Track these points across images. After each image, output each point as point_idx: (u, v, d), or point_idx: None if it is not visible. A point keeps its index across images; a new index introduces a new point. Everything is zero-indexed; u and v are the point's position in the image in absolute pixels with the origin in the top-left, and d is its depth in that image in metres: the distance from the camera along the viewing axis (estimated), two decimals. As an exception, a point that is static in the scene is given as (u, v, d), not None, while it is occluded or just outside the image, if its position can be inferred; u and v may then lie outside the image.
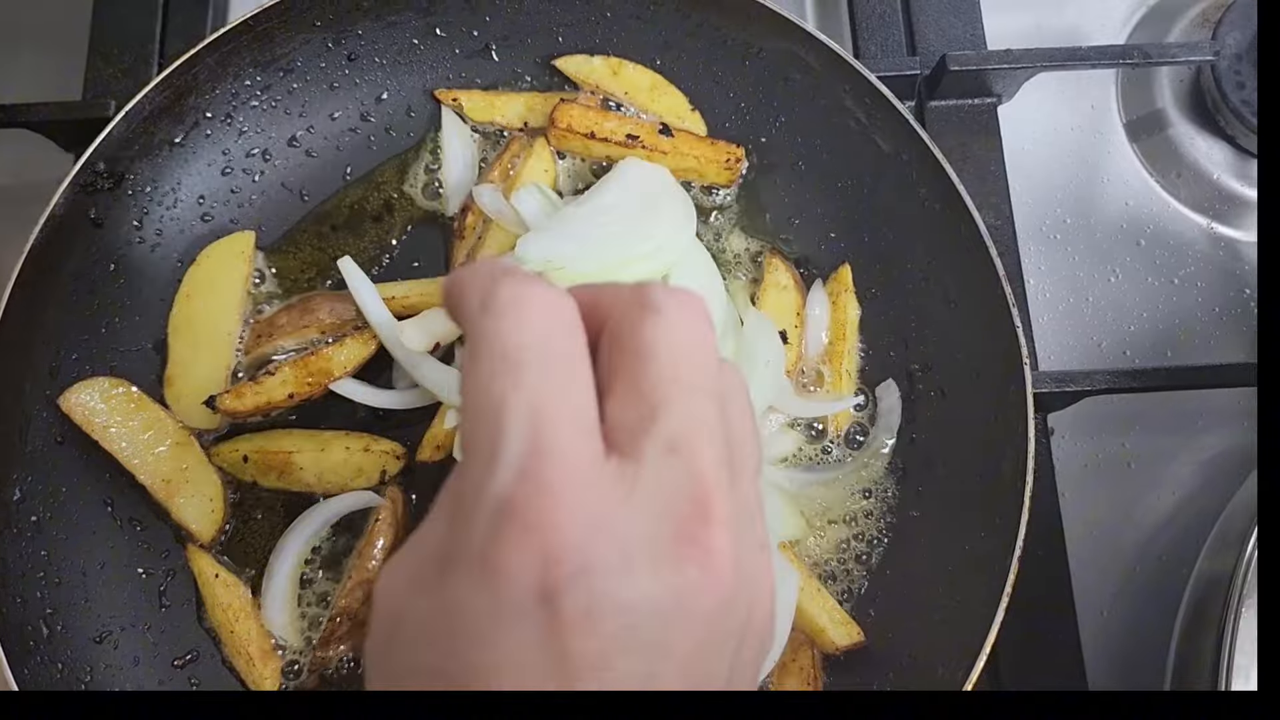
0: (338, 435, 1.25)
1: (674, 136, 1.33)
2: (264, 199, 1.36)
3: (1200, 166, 1.52)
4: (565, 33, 1.39)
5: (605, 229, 1.21)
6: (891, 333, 1.30)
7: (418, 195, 1.38)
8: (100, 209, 1.26)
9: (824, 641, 1.17)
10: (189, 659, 1.21)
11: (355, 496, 1.24)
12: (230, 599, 1.20)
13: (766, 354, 1.20)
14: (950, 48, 1.48)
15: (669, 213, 1.23)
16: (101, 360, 1.26)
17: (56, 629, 1.16)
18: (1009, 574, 1.08)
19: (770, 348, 1.20)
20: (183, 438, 1.25)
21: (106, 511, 1.23)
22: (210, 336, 1.28)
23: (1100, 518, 1.39)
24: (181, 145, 1.31)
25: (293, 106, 1.37)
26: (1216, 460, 1.42)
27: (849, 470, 1.26)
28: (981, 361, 1.20)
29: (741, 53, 1.34)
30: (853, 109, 1.29)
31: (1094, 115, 1.58)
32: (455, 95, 1.39)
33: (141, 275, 1.29)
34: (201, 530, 1.23)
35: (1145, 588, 1.35)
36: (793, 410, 1.26)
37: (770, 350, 1.20)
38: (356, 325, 1.28)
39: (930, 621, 1.15)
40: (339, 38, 1.35)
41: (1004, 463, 1.14)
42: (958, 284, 1.23)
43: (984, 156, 1.47)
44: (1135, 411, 1.42)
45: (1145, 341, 1.47)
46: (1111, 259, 1.50)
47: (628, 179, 1.28)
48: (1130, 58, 1.43)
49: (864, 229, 1.32)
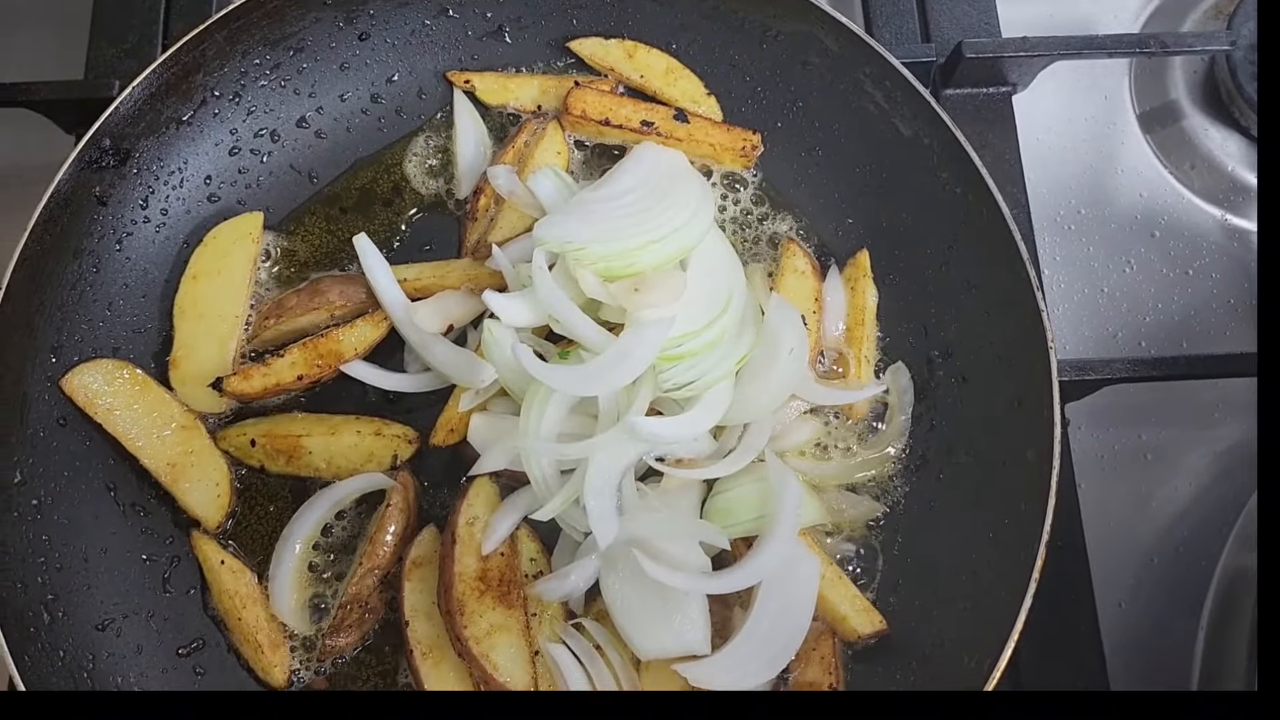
0: (348, 419, 1.22)
1: (689, 123, 1.31)
2: (272, 180, 1.34)
3: (1214, 158, 1.51)
4: (580, 15, 1.37)
5: (623, 213, 1.19)
6: (910, 318, 1.28)
7: (429, 178, 1.36)
8: (105, 187, 1.23)
9: (846, 630, 1.15)
10: (194, 647, 1.17)
11: (364, 478, 1.21)
12: (237, 586, 1.17)
13: (790, 341, 1.18)
14: (965, 35, 1.47)
15: (686, 197, 1.21)
16: (105, 341, 1.23)
17: (58, 615, 1.12)
18: (1036, 561, 1.06)
19: (794, 335, 1.18)
20: (188, 421, 1.22)
21: (109, 496, 1.20)
22: (217, 318, 1.25)
23: (1118, 509, 1.37)
24: (188, 124, 1.29)
25: (302, 86, 1.34)
26: (1234, 451, 1.40)
27: (868, 456, 1.24)
28: (1004, 346, 1.19)
29: (759, 36, 1.32)
30: (872, 92, 1.27)
31: (1107, 106, 1.57)
32: (468, 77, 1.37)
33: (147, 255, 1.27)
34: (207, 516, 1.20)
35: (1164, 580, 1.34)
36: (815, 398, 1.24)
37: (794, 337, 1.18)
38: (367, 308, 1.26)
39: (955, 610, 1.13)
40: (350, 16, 1.32)
41: (1029, 447, 1.12)
42: (979, 268, 1.22)
43: (999, 146, 1.45)
44: (1151, 402, 1.41)
45: (1160, 332, 1.46)
46: (1126, 250, 1.49)
47: (644, 164, 1.27)
48: (1147, 47, 1.43)
49: (882, 214, 1.31)
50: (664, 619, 1.10)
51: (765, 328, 1.20)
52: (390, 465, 1.21)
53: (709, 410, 1.15)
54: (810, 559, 1.14)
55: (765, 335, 1.20)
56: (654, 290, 1.13)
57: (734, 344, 1.19)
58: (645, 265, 1.16)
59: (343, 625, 1.15)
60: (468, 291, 1.25)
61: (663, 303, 1.14)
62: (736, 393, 1.18)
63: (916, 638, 1.15)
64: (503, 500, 1.18)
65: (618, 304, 1.14)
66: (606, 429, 1.12)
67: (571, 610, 1.16)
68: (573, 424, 1.16)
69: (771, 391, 1.19)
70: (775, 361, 1.18)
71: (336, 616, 1.15)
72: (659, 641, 1.10)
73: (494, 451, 1.17)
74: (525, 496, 1.17)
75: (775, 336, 1.19)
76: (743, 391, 1.18)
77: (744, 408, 1.19)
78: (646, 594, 1.11)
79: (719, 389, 1.15)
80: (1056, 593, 1.23)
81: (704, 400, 1.15)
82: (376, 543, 1.16)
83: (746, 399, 1.19)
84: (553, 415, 1.13)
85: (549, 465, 1.13)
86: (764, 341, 1.19)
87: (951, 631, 1.12)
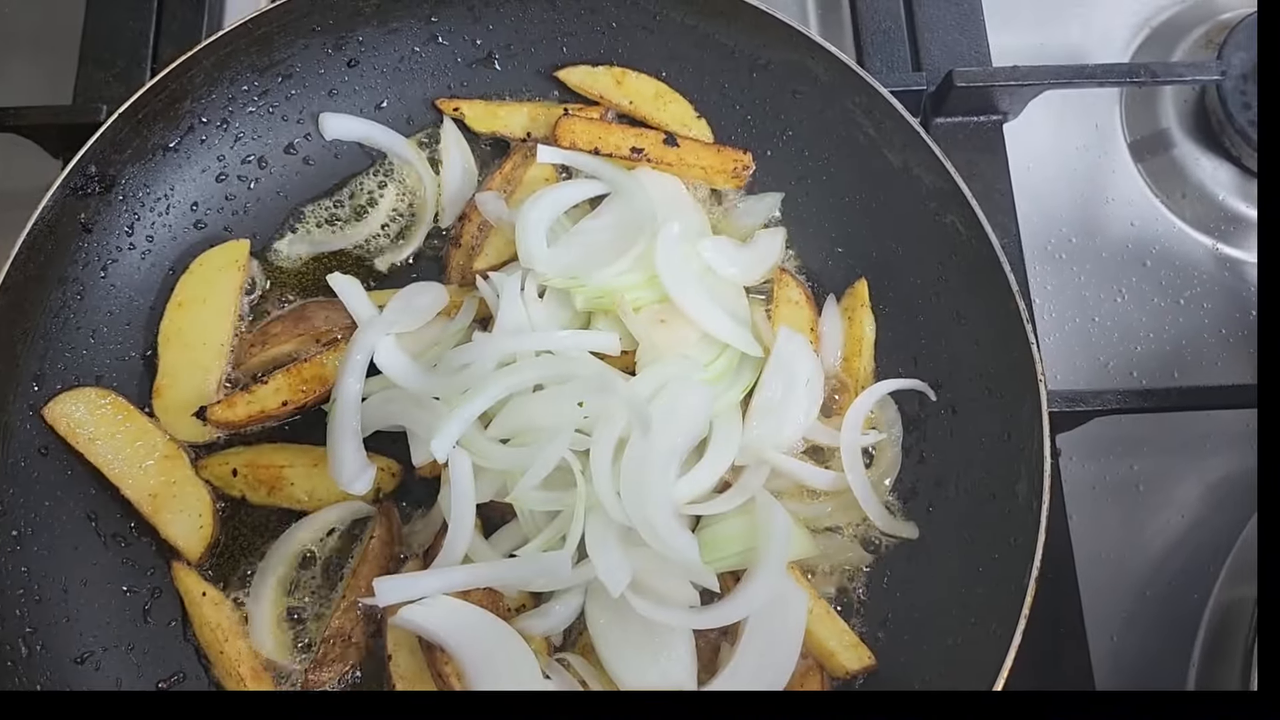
0: (331, 450, 1.21)
1: (679, 146, 1.31)
2: (259, 207, 1.33)
3: (1205, 188, 1.51)
4: (569, 42, 1.36)
5: (619, 243, 1.19)
6: (900, 349, 1.27)
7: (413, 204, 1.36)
8: (90, 213, 1.22)
9: (834, 665, 1.14)
10: (174, 680, 1.16)
11: (343, 508, 1.20)
12: (219, 618, 1.15)
13: (805, 372, 1.17)
14: (956, 64, 1.47)
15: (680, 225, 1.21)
16: (88, 369, 1.22)
17: (36, 649, 1.11)
18: (1026, 595, 1.05)
19: (808, 365, 1.17)
20: (171, 451, 1.21)
21: (90, 526, 1.18)
22: (202, 346, 1.24)
23: (1109, 541, 1.36)
24: (175, 150, 1.28)
25: (290, 113, 1.34)
26: (1225, 483, 1.39)
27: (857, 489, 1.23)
28: (993, 378, 1.18)
29: (749, 65, 1.32)
30: (862, 122, 1.27)
31: (1098, 135, 1.57)
32: (457, 104, 1.37)
33: (132, 283, 1.26)
34: (189, 547, 1.19)
35: (1157, 613, 1.33)
36: (823, 440, 1.22)
37: (809, 367, 1.17)
38: (352, 332, 1.25)
39: (943, 645, 1.12)
40: (340, 43, 1.32)
41: (1018, 481, 1.12)
42: (969, 299, 1.21)
43: (990, 174, 1.45)
44: (1143, 434, 1.40)
45: (1152, 362, 1.45)
46: (1117, 279, 1.49)
47: (638, 192, 1.26)
48: (1137, 76, 1.43)
49: (871, 244, 1.30)
50: (649, 654, 1.09)
51: (776, 359, 1.19)
52: (374, 498, 1.20)
53: (722, 453, 1.14)
54: (798, 593, 1.13)
55: (776, 367, 1.18)
56: (678, 325, 1.14)
57: (737, 375, 1.19)
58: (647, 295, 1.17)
59: (325, 660, 1.13)
60: (448, 318, 1.25)
61: (687, 338, 1.15)
62: (752, 430, 1.17)
63: (905, 674, 1.14)
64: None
65: (642, 339, 1.15)
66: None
67: (554, 645, 1.15)
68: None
69: (792, 425, 1.18)
70: (792, 394, 1.17)
71: (319, 650, 1.14)
72: (644, 677, 1.08)
73: (479, 483, 1.16)
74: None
75: (790, 368, 1.18)
76: (760, 427, 1.17)
77: (760, 444, 1.17)
78: (632, 628, 1.10)
79: (728, 430, 1.14)
80: (1047, 626, 1.22)
81: (715, 442, 1.14)
82: (360, 575, 1.15)
83: (764, 436, 1.17)
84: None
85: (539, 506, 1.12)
86: (777, 373, 1.18)
87: (941, 667, 1.11)
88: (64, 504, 1.17)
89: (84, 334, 1.22)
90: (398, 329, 1.19)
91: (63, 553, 1.16)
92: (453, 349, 1.15)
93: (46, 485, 1.17)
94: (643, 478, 1.07)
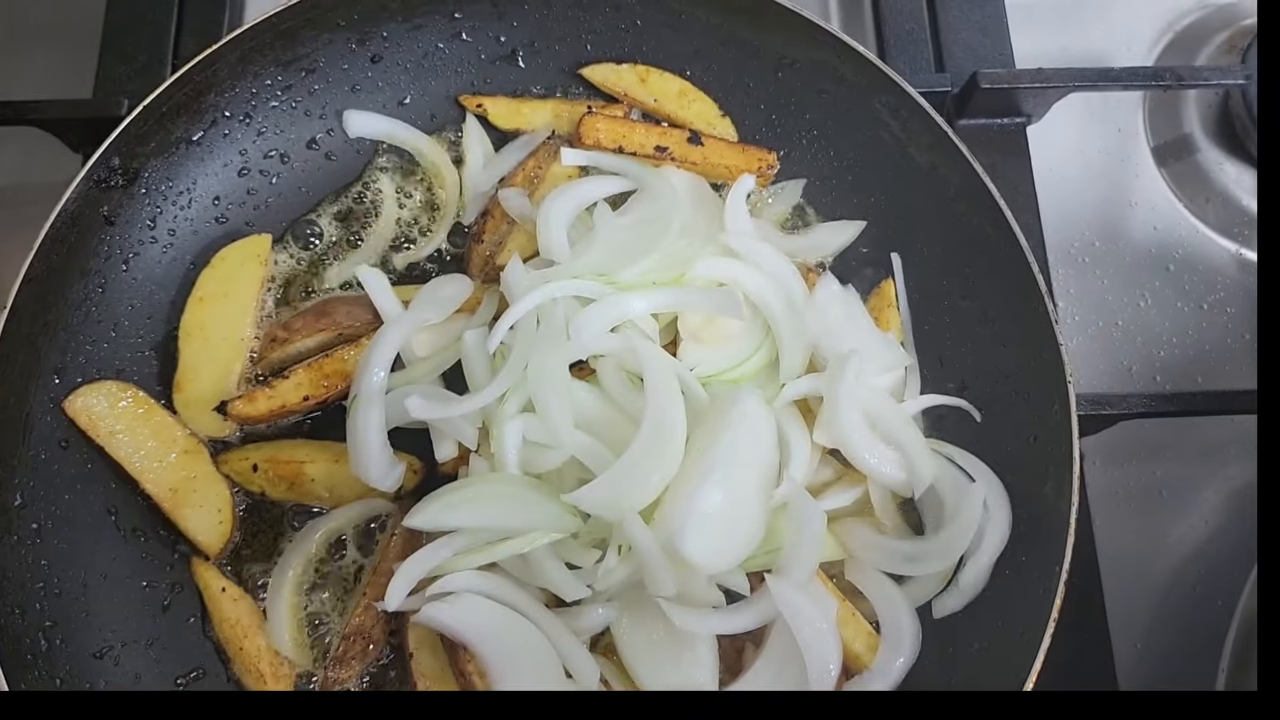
0: (353, 446, 1.20)
1: (704, 145, 1.30)
2: (281, 201, 1.33)
3: (1229, 192, 1.51)
4: (593, 40, 1.36)
5: (649, 240, 1.18)
6: (926, 350, 1.26)
7: (435, 201, 1.35)
8: (113, 206, 1.21)
9: (859, 667, 1.13)
10: (193, 677, 1.15)
11: (362, 505, 1.19)
12: (239, 615, 1.15)
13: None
14: (979, 66, 1.46)
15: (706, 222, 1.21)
16: (109, 363, 1.21)
17: (56, 642, 1.10)
18: (1055, 599, 1.04)
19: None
20: (191, 445, 1.20)
21: (110, 520, 1.18)
22: (223, 341, 1.24)
23: (1133, 546, 1.35)
24: (198, 144, 1.27)
25: (313, 108, 1.33)
26: (1248, 490, 1.38)
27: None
28: (1021, 379, 1.17)
29: (774, 63, 1.32)
30: (888, 122, 1.26)
31: (1121, 139, 1.56)
32: (480, 101, 1.36)
33: (153, 276, 1.25)
34: (209, 542, 1.18)
35: (1181, 620, 1.32)
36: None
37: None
38: (374, 328, 1.24)
39: (969, 650, 1.11)
40: (364, 39, 1.31)
41: (1046, 484, 1.11)
42: (996, 300, 1.20)
43: (1014, 177, 1.45)
44: (1166, 439, 1.40)
45: (1175, 367, 1.44)
46: (1141, 283, 1.48)
47: (665, 189, 1.25)
48: (1162, 79, 1.42)
49: (897, 244, 1.29)
50: (672, 656, 1.08)
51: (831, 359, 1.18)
52: (394, 496, 1.19)
53: (800, 454, 1.15)
54: (827, 598, 1.11)
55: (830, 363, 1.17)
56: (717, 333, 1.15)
57: (774, 368, 1.19)
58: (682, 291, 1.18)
59: (345, 657, 1.13)
60: (470, 314, 1.24)
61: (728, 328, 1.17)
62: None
63: (931, 678, 1.13)
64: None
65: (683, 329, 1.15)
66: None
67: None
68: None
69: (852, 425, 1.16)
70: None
71: (339, 648, 1.13)
72: (665, 679, 1.07)
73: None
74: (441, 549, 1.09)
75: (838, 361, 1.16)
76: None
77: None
78: (655, 629, 1.08)
79: (794, 429, 1.15)
80: (1071, 632, 1.21)
81: (793, 445, 1.15)
82: (380, 573, 1.14)
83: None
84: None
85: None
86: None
87: (967, 672, 1.10)
88: (84, 498, 1.17)
89: (105, 327, 1.21)
90: (424, 323, 1.19)
91: (83, 547, 1.15)
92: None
93: (67, 479, 1.16)
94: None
